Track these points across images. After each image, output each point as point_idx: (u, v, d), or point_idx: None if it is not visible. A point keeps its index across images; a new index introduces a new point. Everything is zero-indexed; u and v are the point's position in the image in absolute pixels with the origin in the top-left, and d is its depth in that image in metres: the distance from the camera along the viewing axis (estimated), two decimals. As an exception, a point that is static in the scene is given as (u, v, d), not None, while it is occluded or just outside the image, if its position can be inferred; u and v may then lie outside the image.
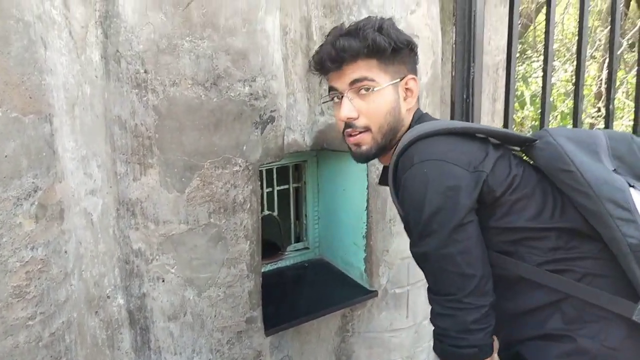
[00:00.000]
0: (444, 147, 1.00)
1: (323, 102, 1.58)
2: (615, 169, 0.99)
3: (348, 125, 1.09)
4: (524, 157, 1.09)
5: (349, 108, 1.07)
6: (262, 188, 1.74)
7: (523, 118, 4.19)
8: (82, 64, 1.22)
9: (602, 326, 0.95)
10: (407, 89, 1.10)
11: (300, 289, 1.71)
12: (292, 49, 1.54)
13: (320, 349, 1.69)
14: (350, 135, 1.10)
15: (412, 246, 1.02)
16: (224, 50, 1.26)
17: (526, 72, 4.40)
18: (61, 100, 1.19)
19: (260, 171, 1.71)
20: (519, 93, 3.84)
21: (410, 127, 1.11)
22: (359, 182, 1.69)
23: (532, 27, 4.79)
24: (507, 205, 0.99)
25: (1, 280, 1.07)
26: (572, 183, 0.97)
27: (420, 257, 1.01)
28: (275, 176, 1.79)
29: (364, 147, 1.10)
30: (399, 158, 1.02)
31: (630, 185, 0.95)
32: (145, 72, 1.22)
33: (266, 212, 1.79)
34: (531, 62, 4.82)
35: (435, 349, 1.01)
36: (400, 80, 1.09)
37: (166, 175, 1.27)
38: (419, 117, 1.12)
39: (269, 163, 1.48)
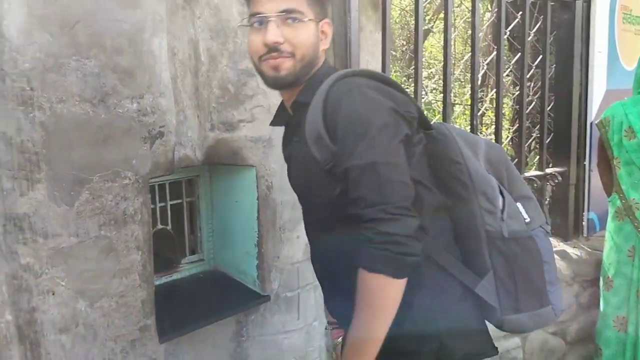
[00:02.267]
0: (381, 86, 1.10)
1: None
2: (487, 170, 1.20)
3: (272, 49, 1.13)
4: None
5: (276, 32, 1.12)
6: (155, 202, 1.79)
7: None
8: (-36, 81, 1.23)
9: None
10: (322, 31, 1.19)
11: (196, 299, 1.77)
12: (181, 69, 1.63)
13: (216, 355, 1.76)
14: (270, 60, 1.14)
15: (356, 159, 1.02)
16: (110, 68, 1.33)
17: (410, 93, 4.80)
18: (-59, 117, 1.20)
19: (153, 186, 1.76)
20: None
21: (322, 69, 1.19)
22: (250, 194, 1.80)
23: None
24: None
25: None
26: (456, 173, 1.15)
27: (365, 169, 1.02)
28: (168, 191, 1.85)
29: (282, 72, 1.14)
30: (331, 88, 1.08)
31: None
32: (32, 89, 1.26)
33: (160, 227, 1.84)
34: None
35: (372, 259, 1.00)
36: (320, 21, 1.18)
37: (54, 189, 1.31)
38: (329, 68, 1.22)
39: (160, 177, 1.55)
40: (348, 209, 1.05)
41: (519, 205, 1.20)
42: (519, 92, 2.87)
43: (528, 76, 2.89)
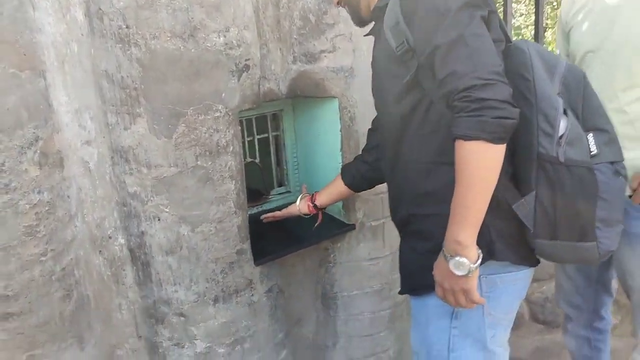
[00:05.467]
0: None
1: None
2: (558, 93, 1.16)
3: None
4: None
5: None
6: (243, 137, 1.86)
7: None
8: (67, 22, 1.32)
9: None
10: None
11: (285, 227, 1.85)
12: (263, 1, 1.64)
13: (306, 279, 1.85)
14: None
15: (440, 38, 1.04)
16: (198, 3, 1.37)
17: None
18: (52, 58, 1.30)
19: (241, 121, 1.83)
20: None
21: None
22: (333, 125, 1.82)
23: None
24: None
25: (14, 220, 1.20)
26: (522, 89, 1.13)
27: (452, 44, 1.03)
28: (254, 125, 1.92)
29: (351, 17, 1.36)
30: None
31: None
32: (127, 27, 1.32)
33: (249, 159, 1.92)
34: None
35: (468, 127, 1.01)
36: None
37: (154, 123, 1.39)
38: None
39: (248, 110, 1.60)
40: (438, 93, 1.08)
41: (590, 136, 1.14)
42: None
43: None
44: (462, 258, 1.07)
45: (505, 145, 1.04)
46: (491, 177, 1.04)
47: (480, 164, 1.03)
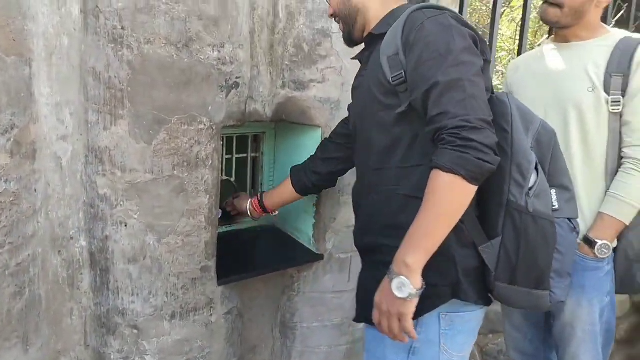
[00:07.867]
0: (462, 23, 1.17)
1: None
2: (531, 147, 1.22)
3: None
4: None
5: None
6: (222, 154, 1.84)
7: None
8: (62, 16, 1.30)
9: None
10: None
11: (252, 250, 1.83)
12: (259, 24, 1.66)
13: (268, 304, 1.81)
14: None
15: (440, 75, 1.09)
16: (197, 15, 1.37)
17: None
18: (40, 48, 1.27)
19: (222, 138, 1.81)
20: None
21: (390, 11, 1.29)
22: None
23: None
24: None
25: (-25, 207, 1.15)
26: (500, 139, 1.16)
27: (450, 84, 1.09)
28: (235, 144, 1.91)
29: (342, 32, 1.39)
30: (413, 12, 1.18)
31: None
32: (122, 28, 1.31)
33: (224, 177, 1.89)
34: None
35: (451, 159, 1.05)
36: None
37: (135, 126, 1.37)
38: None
39: (230, 127, 1.59)
40: (427, 127, 1.12)
41: (552, 191, 1.22)
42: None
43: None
44: (406, 279, 1.08)
45: (477, 187, 1.08)
46: (457, 213, 1.09)
47: (451, 198, 1.08)
